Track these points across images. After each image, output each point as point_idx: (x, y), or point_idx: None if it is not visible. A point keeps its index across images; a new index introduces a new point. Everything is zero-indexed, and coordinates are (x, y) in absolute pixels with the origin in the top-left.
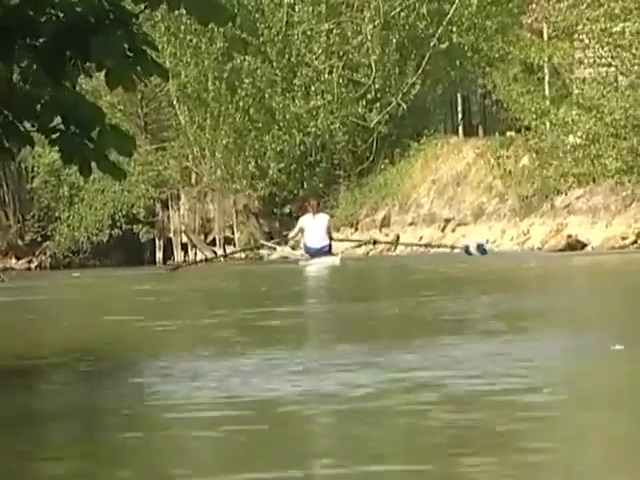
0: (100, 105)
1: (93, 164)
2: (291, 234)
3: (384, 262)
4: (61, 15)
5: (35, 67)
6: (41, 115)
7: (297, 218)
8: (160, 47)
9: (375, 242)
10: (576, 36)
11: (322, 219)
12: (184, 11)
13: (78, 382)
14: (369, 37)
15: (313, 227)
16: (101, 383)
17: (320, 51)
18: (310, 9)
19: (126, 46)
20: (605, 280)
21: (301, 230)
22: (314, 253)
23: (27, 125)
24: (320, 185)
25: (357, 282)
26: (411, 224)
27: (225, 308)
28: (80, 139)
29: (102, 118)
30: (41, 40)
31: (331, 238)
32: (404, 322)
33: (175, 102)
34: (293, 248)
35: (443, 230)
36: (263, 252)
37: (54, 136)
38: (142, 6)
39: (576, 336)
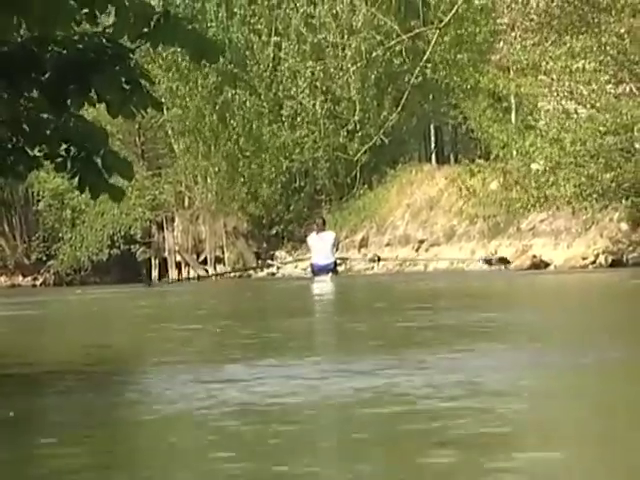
0: None
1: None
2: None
3: (369, 279)
4: (64, 51)
5: (41, 98)
6: (48, 141)
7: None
8: (157, 80)
9: (379, 259)
10: (540, 72)
11: (327, 237)
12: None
13: (94, 388)
14: (350, 74)
15: (318, 246)
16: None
17: (305, 86)
18: (296, 48)
19: (123, 79)
20: (572, 296)
21: (309, 248)
22: (318, 271)
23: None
24: (304, 209)
25: (356, 296)
26: (387, 245)
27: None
28: (86, 163)
29: (106, 141)
30: (46, 75)
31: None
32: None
33: (170, 132)
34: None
35: (417, 250)
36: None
37: (59, 160)
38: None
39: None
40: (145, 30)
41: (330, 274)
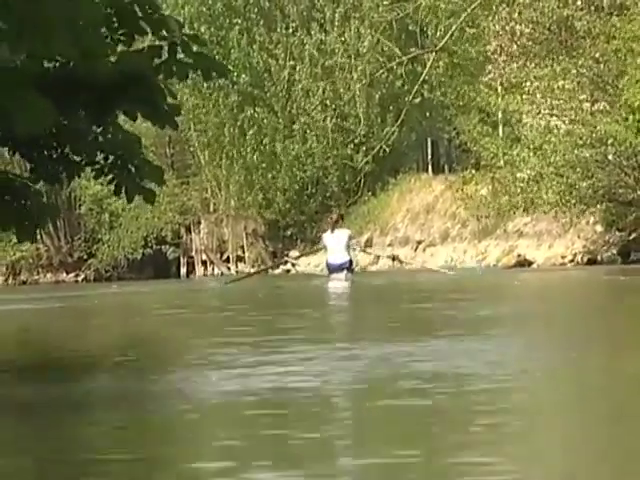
0: None
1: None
2: (315, 247)
3: (379, 277)
4: (97, 74)
5: (83, 113)
6: (89, 150)
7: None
8: (184, 99)
9: (394, 258)
10: (525, 90)
11: (341, 235)
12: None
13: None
14: (357, 93)
15: (332, 244)
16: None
17: (316, 104)
18: (309, 70)
19: (148, 100)
20: (555, 291)
21: (324, 247)
22: (333, 270)
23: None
24: (316, 213)
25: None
26: (389, 245)
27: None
28: (121, 170)
29: (139, 150)
30: (84, 95)
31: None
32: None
33: (197, 145)
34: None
35: (415, 250)
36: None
37: (97, 167)
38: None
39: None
40: (156, 61)
41: (345, 272)
